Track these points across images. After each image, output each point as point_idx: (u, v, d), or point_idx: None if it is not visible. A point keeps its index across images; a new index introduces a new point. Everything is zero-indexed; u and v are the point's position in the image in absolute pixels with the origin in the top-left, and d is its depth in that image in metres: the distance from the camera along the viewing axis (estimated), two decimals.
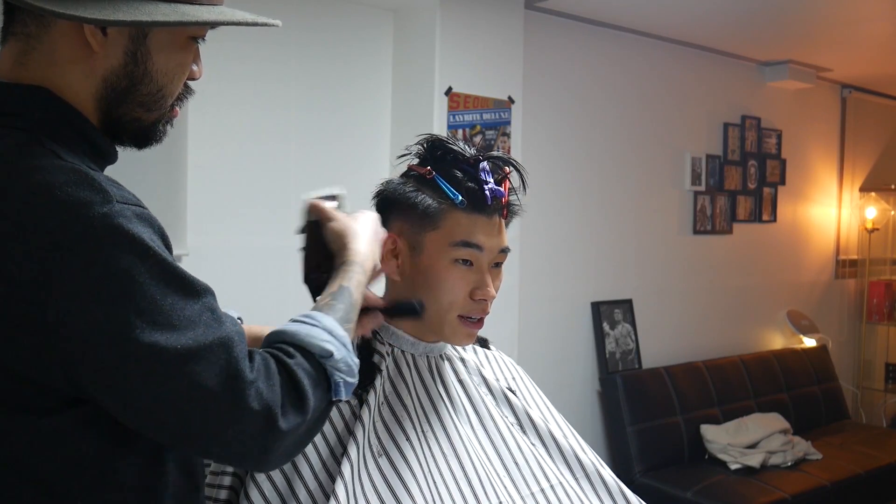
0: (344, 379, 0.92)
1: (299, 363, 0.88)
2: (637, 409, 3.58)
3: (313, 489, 1.07)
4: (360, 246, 1.06)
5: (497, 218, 1.18)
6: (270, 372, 0.85)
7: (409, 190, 1.18)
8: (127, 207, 0.81)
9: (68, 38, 0.85)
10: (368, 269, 1.06)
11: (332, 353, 0.91)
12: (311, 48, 2.94)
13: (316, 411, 0.89)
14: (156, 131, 0.96)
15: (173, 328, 0.80)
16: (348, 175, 3.01)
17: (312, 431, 0.92)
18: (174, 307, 0.81)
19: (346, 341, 0.94)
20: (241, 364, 0.83)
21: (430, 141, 1.21)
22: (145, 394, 0.80)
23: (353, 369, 0.94)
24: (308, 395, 0.87)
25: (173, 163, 2.56)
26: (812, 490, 3.41)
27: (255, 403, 0.82)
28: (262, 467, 0.93)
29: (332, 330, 0.93)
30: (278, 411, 0.84)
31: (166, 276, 0.81)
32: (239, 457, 0.87)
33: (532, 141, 3.38)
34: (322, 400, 0.90)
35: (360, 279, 1.03)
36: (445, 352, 1.27)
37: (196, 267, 1.13)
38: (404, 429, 1.16)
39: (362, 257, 1.05)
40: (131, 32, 0.87)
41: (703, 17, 3.60)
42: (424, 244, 1.17)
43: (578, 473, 1.25)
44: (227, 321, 0.86)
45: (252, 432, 0.83)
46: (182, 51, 0.92)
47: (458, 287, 1.16)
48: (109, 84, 0.88)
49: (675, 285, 4.14)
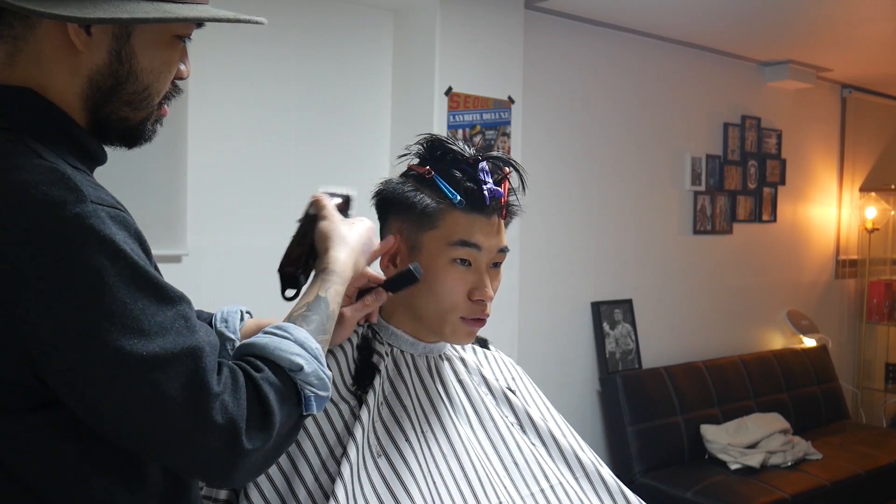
0: (315, 393, 0.91)
1: (266, 377, 0.87)
2: (637, 409, 3.58)
3: (313, 489, 1.07)
4: (341, 254, 1.05)
5: (496, 218, 1.18)
6: (238, 385, 0.84)
7: (409, 190, 1.18)
8: (101, 209, 0.80)
9: (53, 39, 0.86)
10: (348, 279, 1.05)
11: (303, 367, 0.89)
12: (311, 48, 2.94)
13: (283, 427, 0.88)
14: (144, 130, 0.96)
15: (142, 334, 0.79)
16: (348, 175, 3.01)
17: (281, 447, 0.91)
18: (145, 312, 0.80)
19: (318, 354, 0.92)
20: (208, 376, 0.81)
21: (430, 141, 1.21)
22: (108, 399, 0.79)
23: (325, 382, 0.92)
24: (274, 411, 0.85)
25: (173, 163, 2.56)
26: (812, 490, 3.41)
27: (220, 417, 0.80)
28: (226, 484, 0.91)
29: (303, 342, 0.91)
30: (243, 426, 0.82)
31: (138, 281, 0.80)
32: (202, 471, 0.85)
33: (532, 141, 3.38)
34: (291, 415, 0.89)
35: (339, 289, 1.02)
36: (445, 352, 1.27)
37: (196, 267, 1.13)
38: (403, 429, 1.15)
39: (342, 266, 1.04)
40: (115, 31, 0.87)
41: (703, 17, 3.60)
42: (423, 244, 1.17)
43: (578, 473, 1.25)
44: (201, 331, 0.85)
45: (215, 447, 0.81)
46: (167, 49, 0.92)
47: (457, 287, 1.16)
48: (95, 83, 0.88)
49: (675, 285, 4.14)
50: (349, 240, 1.08)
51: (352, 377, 1.17)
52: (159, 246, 2.53)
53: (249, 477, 0.90)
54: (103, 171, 1.22)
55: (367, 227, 1.13)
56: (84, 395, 0.80)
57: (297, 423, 0.91)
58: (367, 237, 1.11)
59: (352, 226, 1.11)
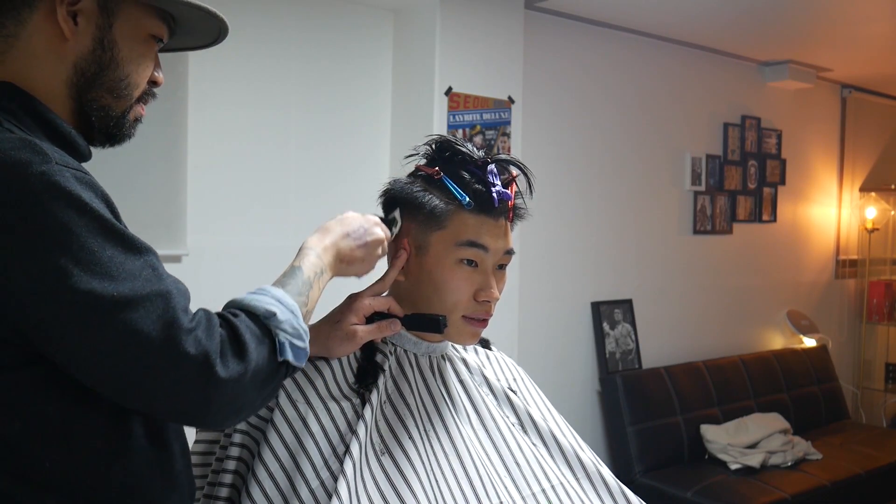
0: (290, 340, 0.94)
1: (242, 320, 0.91)
2: (637, 409, 3.58)
3: (315, 487, 1.07)
4: (320, 237, 1.10)
5: (503, 220, 1.19)
6: (211, 324, 0.87)
7: (417, 190, 1.18)
8: (67, 170, 0.84)
9: (42, 31, 0.94)
10: (329, 258, 1.08)
11: (276, 314, 0.93)
12: (311, 48, 2.94)
13: (260, 366, 0.90)
14: (123, 123, 1.02)
15: (111, 278, 0.82)
16: (348, 175, 3.01)
17: (260, 391, 0.92)
18: (113, 260, 0.83)
19: (293, 308, 0.96)
20: (179, 313, 0.85)
21: (439, 142, 1.21)
22: (84, 343, 0.82)
23: (300, 333, 0.95)
24: (248, 346, 0.89)
25: (173, 163, 2.56)
26: (812, 490, 3.41)
27: (192, 349, 0.84)
28: (205, 421, 0.92)
29: (279, 297, 0.95)
30: (216, 358, 0.85)
31: (105, 232, 0.84)
32: (180, 409, 0.87)
33: (532, 141, 3.38)
34: (267, 359, 0.91)
35: (315, 261, 1.06)
36: (447, 352, 1.28)
37: (196, 267, 1.14)
38: (407, 428, 1.16)
39: (315, 242, 1.09)
40: (98, 21, 0.95)
41: (703, 17, 3.60)
42: (430, 244, 1.17)
43: (579, 473, 1.25)
44: (170, 278, 0.88)
45: (190, 378, 0.84)
46: (143, 44, 1.00)
47: (463, 288, 1.16)
48: (80, 69, 0.96)
49: (675, 285, 4.14)
50: (328, 227, 1.12)
51: (354, 375, 1.18)
52: (159, 246, 2.52)
53: (227, 416, 0.91)
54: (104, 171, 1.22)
55: (353, 217, 1.14)
56: (61, 342, 0.83)
57: (275, 371, 0.93)
58: (353, 226, 1.13)
59: (343, 219, 1.14)
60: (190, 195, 2.61)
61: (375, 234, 1.14)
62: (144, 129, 1.16)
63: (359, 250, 1.12)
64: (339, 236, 1.11)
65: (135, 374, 0.83)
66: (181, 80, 2.52)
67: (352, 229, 1.12)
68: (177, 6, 1.00)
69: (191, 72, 2.55)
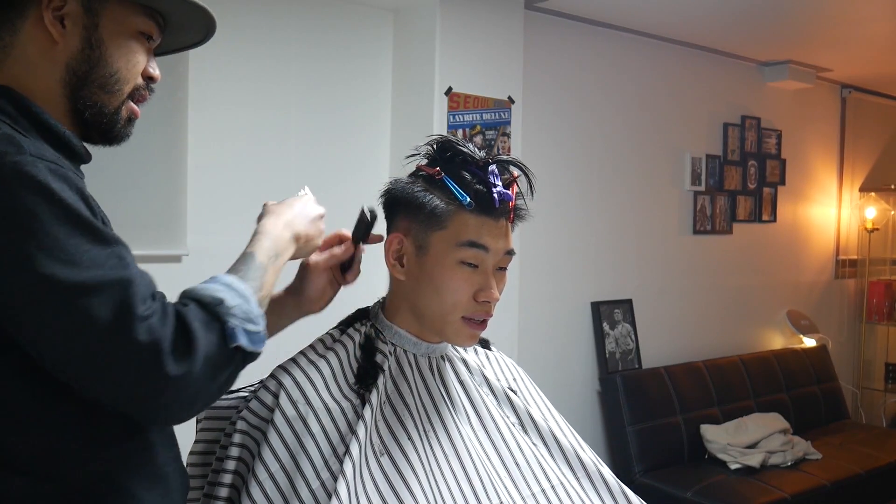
0: (242, 326, 0.94)
1: (191, 309, 0.92)
2: (637, 409, 3.58)
3: (315, 487, 1.08)
4: (273, 220, 1.13)
5: (504, 221, 1.19)
6: (167, 313, 0.89)
7: (418, 190, 1.18)
8: (41, 161, 0.88)
9: (34, 38, 0.99)
10: (283, 239, 1.11)
11: (224, 300, 0.94)
12: (311, 48, 2.94)
13: (210, 354, 0.90)
14: (117, 120, 1.06)
15: (74, 264, 0.85)
16: (348, 175, 3.01)
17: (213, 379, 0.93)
18: (78, 248, 0.86)
19: (244, 293, 0.97)
20: (136, 301, 0.86)
21: (440, 142, 1.21)
22: (43, 326, 0.85)
23: (251, 317, 0.95)
24: (196, 336, 0.89)
25: (173, 163, 2.56)
26: (812, 490, 3.41)
27: (144, 336, 0.85)
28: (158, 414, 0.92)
29: (229, 283, 0.97)
30: (166, 347, 0.86)
31: (72, 221, 0.87)
32: (131, 397, 0.88)
33: (532, 141, 3.38)
34: (217, 346, 0.92)
35: (269, 245, 1.08)
36: (447, 352, 1.27)
37: (196, 267, 1.15)
38: (406, 428, 1.16)
39: (267, 227, 1.11)
40: (85, 22, 1.00)
41: (703, 17, 3.60)
42: (431, 244, 1.17)
43: (580, 473, 1.25)
44: (135, 268, 0.90)
45: (140, 368, 0.86)
46: (131, 40, 1.04)
47: (463, 288, 1.16)
48: (71, 69, 1.01)
49: (675, 285, 4.14)
50: (277, 210, 1.15)
51: (354, 376, 1.18)
52: (159, 246, 2.53)
53: (181, 409, 0.92)
54: (104, 171, 1.22)
55: (292, 199, 1.18)
56: (23, 326, 0.86)
57: (229, 357, 0.94)
58: (298, 205, 1.17)
59: (282, 202, 1.18)
60: (190, 195, 2.61)
61: (317, 209, 1.19)
62: (144, 129, 1.17)
63: (311, 226, 1.16)
64: (291, 216, 1.15)
65: (88, 359, 0.86)
66: (181, 80, 2.52)
67: (298, 207, 1.16)
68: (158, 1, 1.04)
69: (191, 72, 2.55)
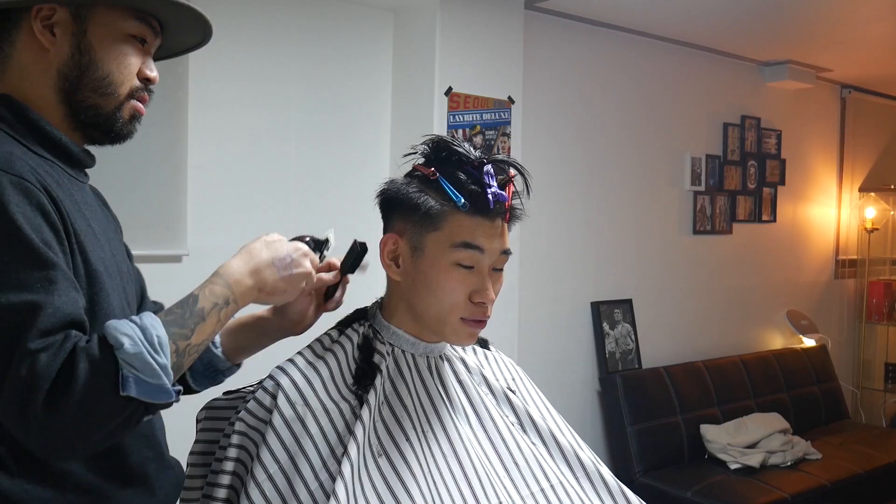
0: (136, 374, 0.90)
1: (89, 348, 0.90)
2: (637, 408, 3.58)
3: (314, 489, 1.07)
4: (235, 261, 1.09)
5: (499, 222, 1.18)
6: (61, 350, 0.88)
7: (413, 190, 1.18)
8: (4, 175, 0.91)
9: (27, 47, 1.04)
10: (245, 286, 1.07)
11: (123, 345, 0.90)
12: (312, 48, 2.94)
13: (91, 398, 0.88)
14: (116, 120, 1.08)
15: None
16: (348, 175, 3.01)
17: (99, 426, 0.90)
18: (7, 267, 0.88)
19: (153, 340, 0.93)
20: (29, 333, 0.86)
21: (436, 141, 1.21)
22: None
23: (152, 368, 0.91)
24: (77, 377, 0.87)
25: (173, 163, 2.56)
26: (812, 490, 3.41)
27: (24, 371, 0.85)
28: (37, 449, 0.91)
29: (144, 327, 0.93)
30: (42, 387, 0.85)
31: (12, 240, 0.89)
32: (15, 429, 0.89)
33: (532, 141, 3.38)
34: (104, 392, 0.89)
35: (220, 291, 1.05)
36: (445, 352, 1.27)
37: (196, 267, 1.14)
38: (404, 429, 1.16)
39: (231, 271, 1.07)
40: (73, 29, 1.04)
41: (703, 17, 3.60)
42: (426, 245, 1.17)
43: (579, 473, 1.25)
44: (61, 296, 0.90)
45: (15, 400, 0.86)
46: (121, 43, 1.07)
47: (459, 289, 1.16)
48: (63, 75, 1.04)
49: (675, 285, 4.14)
50: (253, 251, 1.11)
51: (352, 376, 1.18)
52: (159, 246, 2.53)
53: (59, 449, 0.91)
54: (104, 171, 1.23)
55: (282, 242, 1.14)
56: None
57: (120, 406, 0.90)
58: (280, 254, 1.12)
59: (271, 243, 1.13)
60: (190, 195, 2.61)
61: (303, 267, 1.13)
62: (144, 129, 1.17)
63: (282, 282, 1.12)
64: (263, 264, 1.10)
65: None
66: (181, 80, 2.52)
67: (277, 258, 1.11)
68: (144, 2, 1.06)
69: (191, 72, 2.55)
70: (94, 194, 1.17)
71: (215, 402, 1.26)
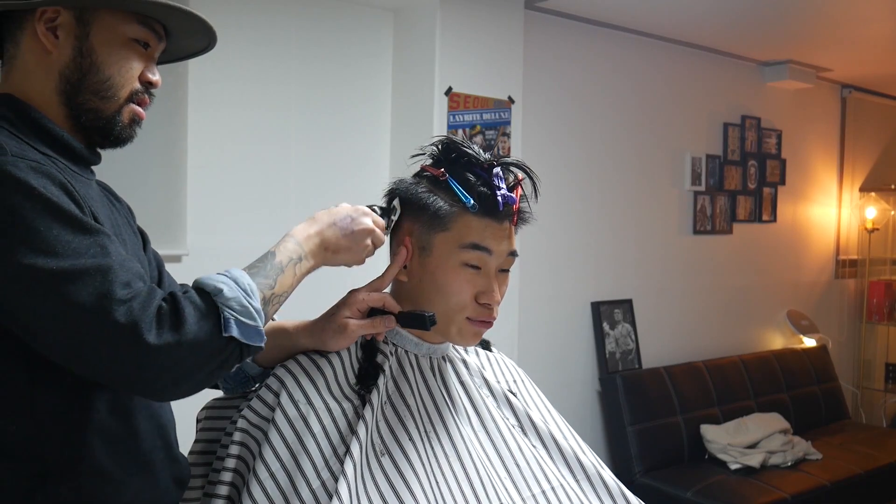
0: (236, 316, 0.96)
1: (189, 296, 0.96)
2: (637, 409, 3.58)
3: (316, 487, 1.07)
4: (306, 226, 1.13)
5: (507, 223, 1.19)
6: (151, 297, 0.92)
7: (422, 191, 1.18)
8: (22, 160, 0.93)
9: (31, 49, 1.06)
10: (311, 246, 1.11)
11: (223, 290, 0.96)
12: (312, 48, 2.94)
13: (199, 338, 0.93)
14: (115, 123, 1.09)
15: (54, 255, 0.90)
16: (348, 175, 3.01)
17: (202, 366, 0.95)
18: (59, 238, 0.91)
19: (246, 287, 0.99)
20: (115, 286, 0.91)
21: (445, 142, 1.21)
22: (29, 313, 0.91)
23: (249, 311, 0.97)
24: (186, 317, 0.92)
25: (173, 163, 2.56)
26: (812, 490, 3.41)
27: (122, 318, 0.89)
28: (140, 387, 0.95)
29: (236, 277, 0.99)
30: (147, 327, 0.90)
31: (53, 213, 0.92)
32: (117, 375, 0.93)
33: (532, 141, 3.38)
34: (209, 332, 0.94)
35: (293, 248, 1.10)
36: (448, 353, 1.27)
37: (196, 267, 1.15)
38: (407, 429, 1.16)
39: (299, 231, 1.12)
40: (76, 32, 1.05)
41: (703, 17, 3.60)
42: (434, 245, 1.17)
43: (579, 475, 1.25)
44: (118, 255, 0.94)
45: (120, 345, 0.90)
46: (123, 48, 1.08)
47: (465, 290, 1.16)
48: (65, 77, 1.06)
49: (675, 285, 4.14)
50: (317, 216, 1.15)
51: (355, 376, 1.18)
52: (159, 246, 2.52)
53: (164, 385, 0.94)
54: (104, 171, 1.23)
55: (344, 206, 1.16)
56: (12, 314, 0.92)
57: (222, 346, 0.95)
58: (340, 215, 1.14)
59: (334, 209, 1.16)
60: (190, 195, 2.61)
61: (363, 224, 1.14)
62: (144, 129, 1.17)
63: (344, 239, 1.13)
64: (325, 225, 1.13)
65: (75, 341, 0.91)
66: (181, 80, 2.52)
67: (338, 218, 1.14)
68: (144, 6, 1.07)
69: (191, 72, 2.55)
70: (102, 189, 1.19)
71: (216, 402, 1.26)
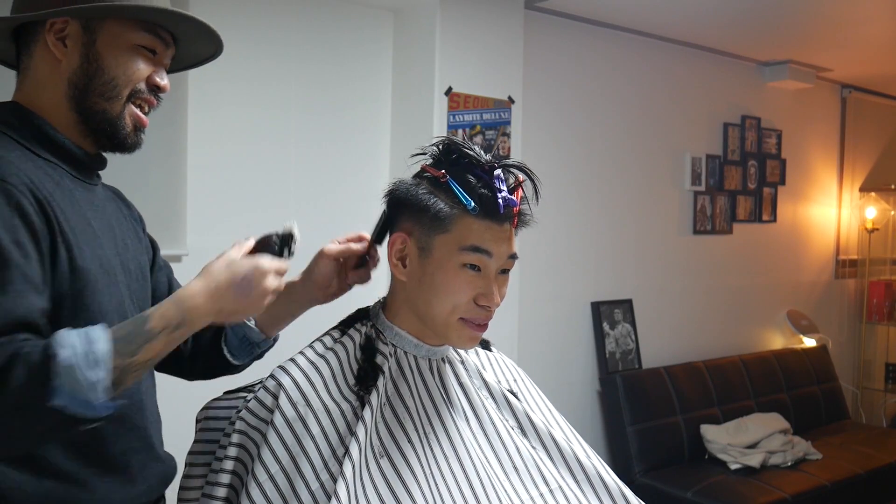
0: (68, 388, 0.89)
1: (30, 353, 0.90)
2: (637, 409, 3.58)
3: (315, 489, 1.07)
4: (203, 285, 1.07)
5: (508, 226, 1.18)
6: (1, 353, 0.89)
7: (422, 192, 1.17)
8: None
9: (43, 59, 1.12)
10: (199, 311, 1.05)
11: (57, 356, 0.89)
12: (312, 49, 2.94)
13: (21, 403, 0.88)
14: (122, 126, 1.13)
15: None
16: (348, 175, 3.01)
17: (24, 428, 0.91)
18: None
19: (93, 357, 0.92)
20: None
21: (446, 143, 1.20)
22: None
23: (78, 385, 0.90)
24: (11, 379, 0.88)
25: (173, 163, 2.56)
26: (812, 490, 3.41)
27: None
28: None
29: (91, 340, 0.93)
30: None
31: None
32: None
33: (532, 141, 3.38)
34: (32, 397, 0.88)
35: (172, 313, 1.03)
36: (447, 355, 1.27)
37: (196, 267, 1.14)
38: (406, 430, 1.15)
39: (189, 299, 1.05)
40: (83, 40, 1.10)
41: (703, 17, 3.60)
42: (434, 247, 1.16)
43: (580, 476, 1.24)
44: (16, 298, 0.93)
45: None
46: (128, 52, 1.13)
47: (464, 291, 1.15)
48: (73, 83, 1.11)
49: (675, 285, 4.13)
50: (213, 273, 1.09)
51: (354, 377, 1.17)
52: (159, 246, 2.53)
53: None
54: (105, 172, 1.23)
55: (241, 267, 1.09)
56: None
57: (44, 413, 0.89)
58: (237, 277, 1.08)
59: (231, 264, 1.10)
60: (190, 195, 2.61)
61: (264, 286, 1.09)
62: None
63: (242, 304, 1.09)
64: (223, 287, 1.07)
65: None
66: (181, 81, 2.52)
67: (236, 280, 1.08)
68: (146, 14, 1.11)
69: (191, 72, 2.54)
70: (110, 194, 1.23)
71: (215, 403, 1.26)
